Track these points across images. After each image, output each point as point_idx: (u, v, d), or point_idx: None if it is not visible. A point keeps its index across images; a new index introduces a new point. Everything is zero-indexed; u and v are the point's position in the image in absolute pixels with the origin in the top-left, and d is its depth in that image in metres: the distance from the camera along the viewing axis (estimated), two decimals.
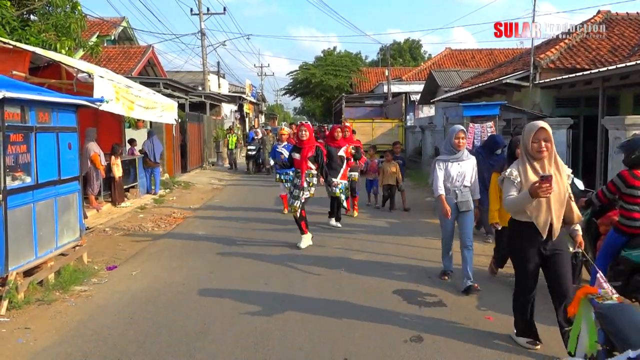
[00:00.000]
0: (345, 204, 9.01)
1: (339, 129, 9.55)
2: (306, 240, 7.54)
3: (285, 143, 10.63)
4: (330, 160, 8.72)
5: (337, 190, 8.71)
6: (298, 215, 7.43)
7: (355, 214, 10.20)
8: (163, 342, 4.27)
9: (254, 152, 18.80)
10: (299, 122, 8.05)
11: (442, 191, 5.47)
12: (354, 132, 12.29)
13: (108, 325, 4.65)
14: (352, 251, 7.37)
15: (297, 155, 7.47)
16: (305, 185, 7.35)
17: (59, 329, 4.56)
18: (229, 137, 20.74)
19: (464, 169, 5.50)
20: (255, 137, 19.59)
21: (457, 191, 5.49)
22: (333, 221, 9.13)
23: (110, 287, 5.79)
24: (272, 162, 11.13)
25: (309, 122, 7.85)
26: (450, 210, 5.44)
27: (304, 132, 7.49)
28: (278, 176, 10.03)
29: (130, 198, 11.79)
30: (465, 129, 5.49)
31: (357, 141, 10.95)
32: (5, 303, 4.86)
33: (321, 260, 6.88)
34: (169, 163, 16.34)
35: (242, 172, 19.56)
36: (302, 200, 7.35)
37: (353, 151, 9.54)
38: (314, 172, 7.49)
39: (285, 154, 9.86)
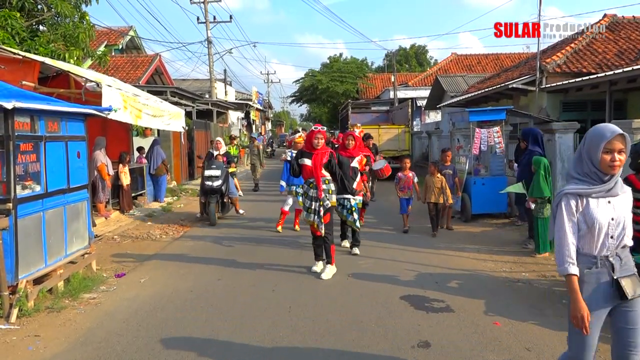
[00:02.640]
0: (359, 223, 7.55)
1: (351, 136, 8.17)
2: (331, 271, 6.41)
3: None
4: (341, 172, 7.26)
5: (348, 216, 7.40)
6: (323, 232, 6.35)
7: (361, 223, 8.78)
8: (171, 349, 4.29)
9: (217, 184, 10.15)
10: (312, 127, 6.84)
11: (573, 268, 2.74)
12: (366, 138, 11.17)
13: (117, 332, 4.68)
14: (358, 257, 7.37)
15: (307, 162, 6.39)
16: (323, 195, 6.35)
17: (69, 336, 4.60)
18: (231, 149, 14.64)
19: (620, 212, 2.78)
20: (216, 152, 11.40)
21: (611, 259, 2.78)
22: (346, 243, 7.86)
23: (119, 294, 5.82)
24: (282, 182, 9.18)
25: (325, 128, 6.72)
26: (588, 316, 2.69)
27: (319, 141, 6.40)
28: (293, 188, 8.82)
29: (138, 206, 11.86)
30: (626, 134, 2.80)
31: (366, 148, 9.71)
32: (15, 311, 4.91)
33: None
34: (177, 170, 16.43)
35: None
36: (322, 214, 6.31)
37: (367, 167, 8.37)
38: (329, 178, 6.50)
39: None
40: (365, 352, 4.20)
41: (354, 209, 7.34)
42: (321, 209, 6.31)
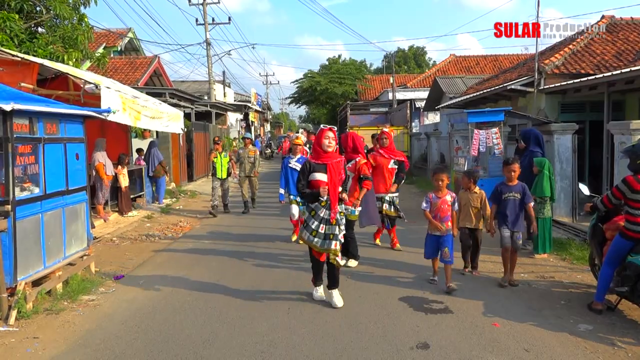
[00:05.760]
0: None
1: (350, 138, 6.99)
2: (339, 297, 5.39)
3: (300, 156, 8.46)
4: None
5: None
6: (336, 262, 5.30)
7: (398, 246, 7.91)
8: (170, 351, 4.29)
9: None
10: (321, 127, 5.41)
11: None
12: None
13: (116, 334, 4.67)
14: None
15: (320, 177, 5.21)
16: (338, 217, 5.27)
17: (67, 338, 4.60)
18: (217, 157, 11.64)
19: None
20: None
21: None
22: (350, 262, 6.85)
23: (118, 296, 5.82)
24: (282, 190, 8.54)
25: (334, 127, 5.47)
26: None
27: (330, 141, 5.28)
28: (291, 197, 8.35)
29: (137, 207, 11.86)
30: None
31: (401, 153, 8.23)
32: (14, 313, 4.90)
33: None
34: (175, 172, 16.43)
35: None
36: (341, 239, 5.32)
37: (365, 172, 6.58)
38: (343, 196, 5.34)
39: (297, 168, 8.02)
40: (364, 353, 4.20)
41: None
42: (340, 234, 5.29)
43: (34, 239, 5.37)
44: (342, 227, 5.33)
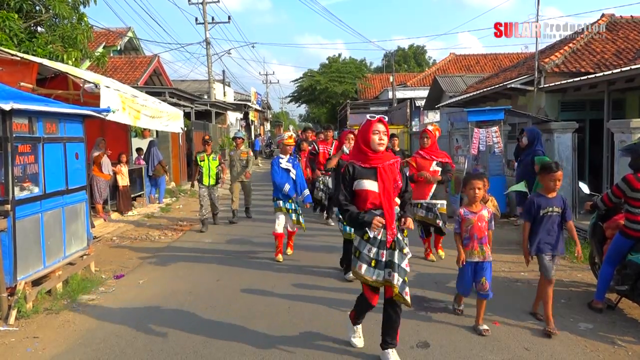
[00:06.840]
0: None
1: (352, 135, 6.42)
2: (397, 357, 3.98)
3: (289, 156, 7.48)
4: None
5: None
6: (408, 300, 3.99)
7: (441, 253, 7.31)
8: (170, 350, 4.29)
9: None
10: (367, 117, 3.97)
11: None
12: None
13: (116, 333, 4.67)
14: None
15: (369, 185, 3.81)
16: (400, 236, 3.96)
17: (67, 337, 4.60)
18: (205, 160, 9.95)
19: None
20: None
21: None
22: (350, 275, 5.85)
23: (118, 295, 5.82)
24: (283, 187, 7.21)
25: (385, 117, 3.97)
26: None
27: (381, 137, 3.82)
28: (281, 203, 7.24)
29: (137, 207, 11.86)
30: None
31: (445, 154, 7.32)
32: (14, 312, 4.90)
33: (327, 266, 6.89)
34: (175, 172, 16.43)
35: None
36: (407, 269, 4.03)
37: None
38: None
39: (287, 168, 7.28)
40: (365, 352, 4.19)
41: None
42: (404, 260, 4.01)
43: (33, 238, 5.37)
44: (407, 251, 4.01)
